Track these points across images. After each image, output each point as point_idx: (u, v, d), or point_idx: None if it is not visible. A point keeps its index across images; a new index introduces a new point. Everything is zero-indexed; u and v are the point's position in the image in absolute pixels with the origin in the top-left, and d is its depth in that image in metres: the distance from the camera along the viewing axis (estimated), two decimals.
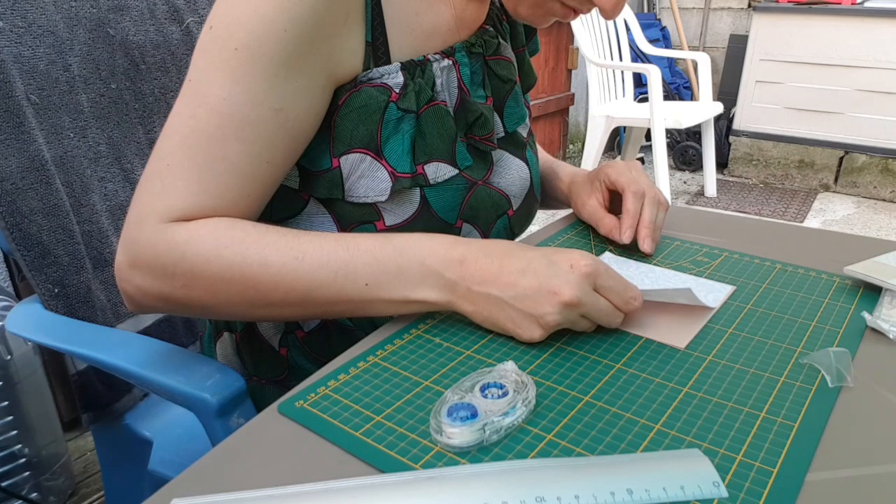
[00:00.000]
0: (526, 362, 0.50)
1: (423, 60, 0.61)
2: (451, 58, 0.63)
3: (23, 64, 0.74)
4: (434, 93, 0.61)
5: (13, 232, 0.73)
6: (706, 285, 0.62)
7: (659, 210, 0.70)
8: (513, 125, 0.71)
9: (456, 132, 0.63)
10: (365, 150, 0.58)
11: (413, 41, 0.61)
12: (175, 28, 0.89)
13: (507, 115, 0.70)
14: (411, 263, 0.52)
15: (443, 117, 0.61)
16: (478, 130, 0.65)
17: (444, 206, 0.62)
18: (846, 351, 0.49)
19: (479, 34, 0.67)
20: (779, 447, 0.40)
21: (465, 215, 0.65)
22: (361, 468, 0.39)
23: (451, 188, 0.63)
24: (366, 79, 0.57)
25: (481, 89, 0.67)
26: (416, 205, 0.61)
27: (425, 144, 0.60)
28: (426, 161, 0.60)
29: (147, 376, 0.62)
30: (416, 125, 0.60)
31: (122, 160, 0.85)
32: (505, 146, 0.71)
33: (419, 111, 0.60)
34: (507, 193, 0.70)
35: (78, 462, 1.43)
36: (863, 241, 0.72)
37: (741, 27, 3.58)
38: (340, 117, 0.58)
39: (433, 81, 0.61)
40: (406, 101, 0.59)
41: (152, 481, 0.78)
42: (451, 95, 0.63)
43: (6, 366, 1.14)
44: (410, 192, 0.60)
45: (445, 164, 0.62)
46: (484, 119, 0.65)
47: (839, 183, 3.15)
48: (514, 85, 0.71)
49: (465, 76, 0.64)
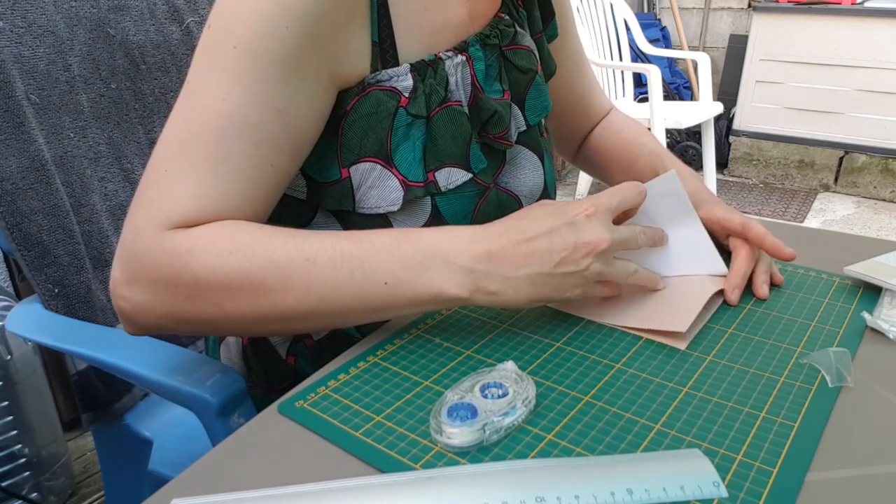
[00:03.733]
0: (526, 362, 0.50)
1: (435, 60, 0.58)
2: (465, 53, 0.61)
3: (23, 64, 0.74)
4: (448, 93, 0.59)
5: (13, 232, 0.73)
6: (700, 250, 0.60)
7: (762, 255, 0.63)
8: (535, 118, 0.68)
9: (471, 133, 0.60)
10: (375, 158, 0.56)
11: (423, 38, 0.58)
12: (175, 28, 0.89)
13: (529, 108, 0.67)
14: (432, 259, 0.49)
15: (457, 118, 0.59)
16: (492, 129, 0.62)
17: (455, 214, 0.61)
18: (846, 351, 0.49)
19: (494, 24, 0.64)
20: (779, 447, 0.40)
21: (478, 223, 0.62)
22: (361, 468, 0.39)
23: (462, 196, 0.61)
24: (374, 81, 0.55)
25: (497, 83, 0.64)
26: (427, 214, 0.59)
27: (437, 149, 0.58)
28: (438, 167, 0.58)
29: (147, 376, 0.62)
30: (426, 130, 0.58)
31: (122, 160, 0.85)
32: (524, 141, 0.68)
33: (430, 115, 0.58)
34: (517, 194, 0.67)
35: (78, 462, 1.43)
36: (863, 241, 0.72)
37: (741, 27, 3.57)
38: (348, 125, 0.56)
39: (446, 81, 0.59)
40: (416, 106, 0.56)
41: (152, 481, 0.78)
42: (465, 93, 0.61)
43: (6, 366, 1.14)
44: (421, 201, 0.58)
45: (458, 168, 0.60)
46: (498, 117, 0.62)
47: (839, 183, 3.15)
48: (535, 75, 0.68)
49: (479, 72, 0.62)
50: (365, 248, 0.49)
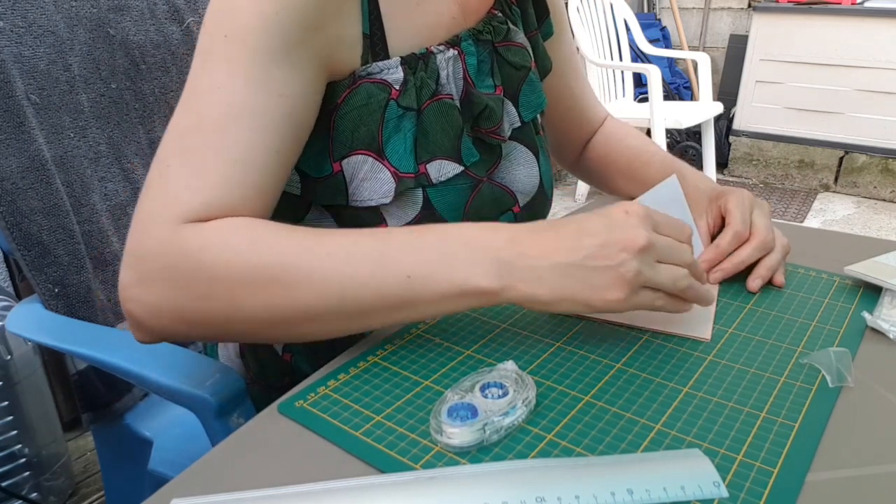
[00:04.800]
0: (526, 362, 0.50)
1: (426, 53, 0.59)
2: (457, 47, 0.61)
3: (23, 64, 0.74)
4: (439, 86, 0.59)
5: (13, 232, 0.73)
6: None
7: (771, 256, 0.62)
8: (529, 114, 0.68)
9: (462, 126, 0.61)
10: (366, 151, 0.57)
11: (415, 32, 0.59)
12: (175, 28, 0.89)
13: (523, 104, 0.67)
14: (457, 248, 0.47)
15: (447, 111, 0.59)
16: (484, 123, 0.62)
17: (447, 206, 0.61)
18: (846, 351, 0.49)
19: (487, 20, 0.65)
20: (779, 447, 0.40)
21: (470, 216, 0.63)
22: (361, 468, 0.39)
23: (454, 188, 0.61)
24: (364, 73, 0.55)
25: (489, 79, 0.64)
26: (418, 206, 0.59)
27: (428, 142, 0.58)
28: (429, 159, 0.59)
29: (147, 376, 0.62)
30: (417, 122, 0.58)
31: (123, 160, 0.85)
32: (519, 137, 0.68)
33: (421, 108, 0.58)
34: (512, 189, 0.67)
35: (78, 462, 1.43)
36: (863, 241, 0.72)
37: (741, 27, 3.57)
38: (339, 117, 0.56)
39: (437, 74, 0.59)
40: (406, 98, 0.57)
41: (152, 481, 0.78)
42: (457, 87, 0.61)
43: (6, 366, 1.14)
44: (413, 193, 0.59)
45: (449, 161, 0.60)
46: (490, 111, 0.62)
47: (839, 183, 3.15)
48: (529, 71, 0.68)
49: (470, 66, 0.62)
50: (386, 241, 0.48)
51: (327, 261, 0.46)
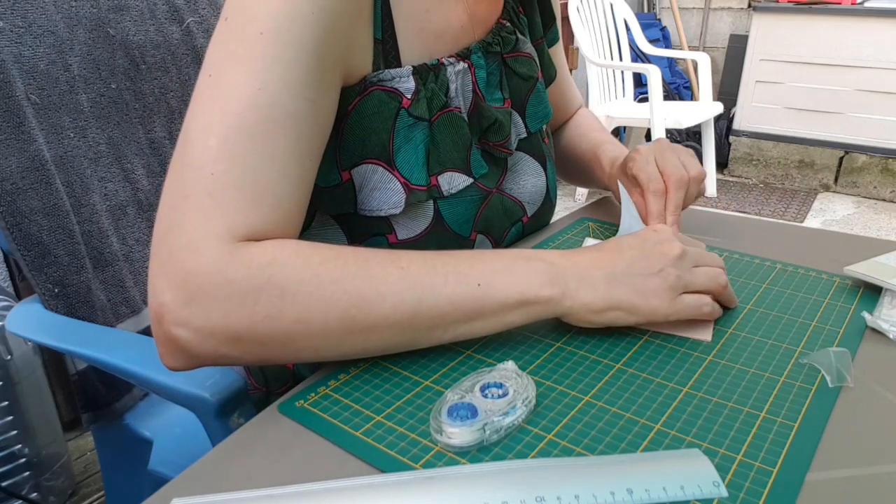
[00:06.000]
0: (526, 362, 0.50)
1: (437, 64, 0.58)
2: (467, 60, 0.61)
3: (23, 64, 0.74)
4: (448, 99, 0.59)
5: (13, 232, 0.73)
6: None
7: (689, 188, 0.65)
8: (536, 125, 0.68)
9: (471, 139, 0.60)
10: (377, 160, 0.55)
11: (424, 41, 0.58)
12: (175, 28, 0.89)
13: (530, 115, 0.68)
14: (516, 261, 0.50)
15: (457, 124, 0.59)
16: (492, 137, 0.62)
17: (458, 219, 0.60)
18: (846, 351, 0.49)
19: (496, 31, 0.64)
20: (779, 447, 0.40)
21: (480, 227, 0.63)
22: (361, 468, 0.39)
23: (465, 200, 0.61)
24: (375, 80, 0.54)
25: (498, 91, 0.64)
26: (429, 218, 0.59)
27: (439, 154, 0.58)
28: (440, 171, 0.58)
29: (147, 376, 0.62)
30: (429, 133, 0.57)
31: (122, 160, 0.85)
32: (526, 148, 0.68)
33: (432, 119, 0.57)
34: (521, 200, 0.68)
35: (78, 462, 1.43)
36: (863, 241, 0.72)
37: (741, 27, 3.57)
38: (350, 125, 0.55)
39: (447, 87, 0.58)
40: (418, 108, 0.56)
41: (152, 481, 0.78)
42: (465, 100, 0.61)
43: (6, 366, 1.14)
44: (424, 205, 0.58)
45: (460, 173, 0.60)
46: (499, 125, 0.62)
47: (839, 183, 3.15)
48: (536, 82, 0.68)
49: (480, 80, 0.62)
50: (453, 255, 0.49)
51: (403, 273, 0.46)
